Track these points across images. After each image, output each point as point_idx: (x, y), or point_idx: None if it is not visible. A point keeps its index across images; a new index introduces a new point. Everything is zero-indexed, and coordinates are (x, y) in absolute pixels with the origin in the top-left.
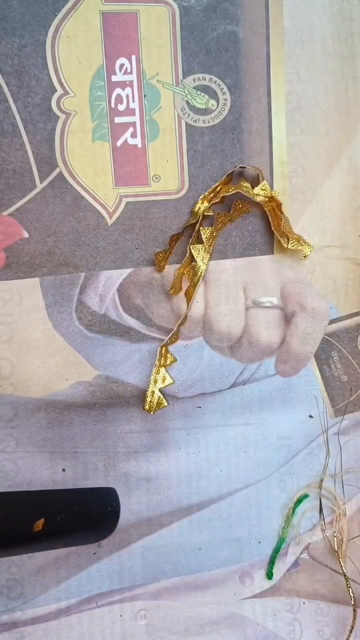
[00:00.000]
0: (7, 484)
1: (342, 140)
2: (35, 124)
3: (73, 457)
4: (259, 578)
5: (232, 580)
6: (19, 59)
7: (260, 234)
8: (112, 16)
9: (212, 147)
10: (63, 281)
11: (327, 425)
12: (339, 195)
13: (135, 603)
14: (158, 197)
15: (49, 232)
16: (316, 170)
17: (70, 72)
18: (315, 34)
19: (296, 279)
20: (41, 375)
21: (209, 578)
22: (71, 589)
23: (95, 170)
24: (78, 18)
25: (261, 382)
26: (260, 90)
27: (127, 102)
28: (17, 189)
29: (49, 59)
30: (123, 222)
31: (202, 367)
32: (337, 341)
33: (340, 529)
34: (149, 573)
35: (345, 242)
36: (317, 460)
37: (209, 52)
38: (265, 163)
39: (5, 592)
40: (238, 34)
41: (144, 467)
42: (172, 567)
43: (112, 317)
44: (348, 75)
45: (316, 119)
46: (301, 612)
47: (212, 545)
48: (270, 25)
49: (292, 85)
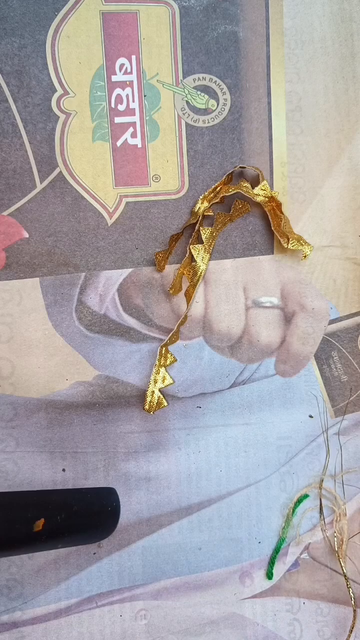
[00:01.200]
0: (7, 484)
1: (342, 140)
2: (35, 124)
3: (73, 457)
4: (259, 578)
5: (232, 580)
6: (19, 59)
7: (260, 234)
8: (112, 16)
9: (212, 147)
10: (63, 281)
11: (327, 425)
12: (339, 195)
13: (135, 603)
14: (158, 197)
15: (49, 232)
16: (316, 170)
17: (70, 72)
18: (315, 34)
19: (296, 279)
20: (41, 375)
21: (209, 578)
22: (71, 589)
23: (95, 171)
24: (78, 18)
25: (261, 382)
26: (260, 90)
27: (127, 102)
28: (17, 189)
29: (49, 59)
30: (123, 222)
31: (202, 367)
32: (337, 341)
33: (340, 529)
34: (149, 573)
35: (345, 242)
36: (317, 460)
37: (209, 52)
38: (265, 163)
39: (5, 592)
40: (238, 34)
41: (144, 467)
42: (172, 567)
43: (112, 317)
44: (348, 75)
45: (316, 119)
46: (301, 612)
47: (212, 545)
48: (270, 25)
49: (292, 85)
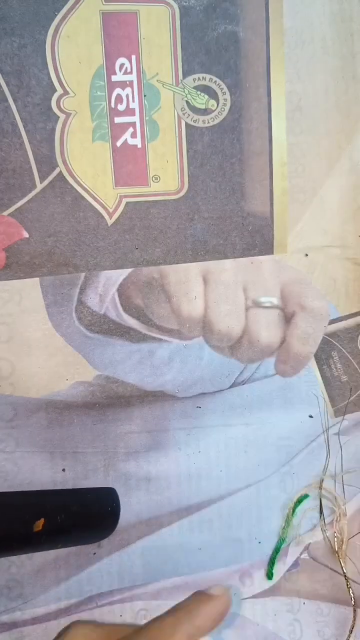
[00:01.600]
0: (7, 484)
1: (342, 140)
2: (35, 124)
3: (73, 457)
4: (259, 578)
5: (232, 580)
6: (18, 58)
7: (260, 234)
8: (112, 16)
9: (212, 147)
10: (63, 281)
11: (327, 425)
12: (339, 195)
13: (135, 603)
14: (158, 198)
15: (49, 232)
16: (316, 170)
17: (70, 72)
18: (315, 34)
19: (296, 278)
20: (41, 375)
21: (209, 578)
22: (71, 589)
23: (95, 171)
24: (78, 18)
25: (261, 382)
26: (260, 90)
27: (127, 102)
28: (17, 189)
29: (48, 58)
30: (123, 222)
31: (202, 367)
32: (337, 341)
33: (340, 529)
34: (149, 573)
35: (345, 242)
36: (317, 461)
37: (209, 52)
38: (265, 163)
39: (5, 592)
40: (238, 34)
41: (144, 468)
42: (172, 567)
43: (112, 317)
44: (348, 75)
45: (316, 118)
46: (301, 613)
47: (212, 546)
48: (270, 25)
49: (292, 85)
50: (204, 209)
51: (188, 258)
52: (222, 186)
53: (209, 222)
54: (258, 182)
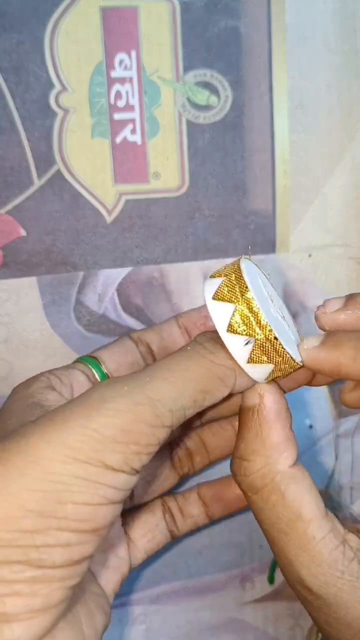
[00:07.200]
0: None
1: (345, 138)
2: (33, 121)
3: None
4: (260, 582)
5: (233, 584)
6: (17, 55)
7: (262, 233)
8: (112, 12)
9: (213, 144)
10: (61, 280)
11: (330, 428)
12: (342, 194)
13: (134, 607)
14: (158, 195)
15: (47, 230)
16: (319, 169)
17: (69, 68)
18: (317, 31)
19: (298, 278)
20: None
21: (209, 582)
22: None
23: (94, 168)
24: (77, 14)
25: None
26: (262, 87)
27: (126, 98)
28: (15, 187)
29: (47, 55)
30: (122, 220)
31: None
32: None
33: None
34: (148, 577)
35: (348, 241)
36: (320, 464)
37: (210, 48)
38: (267, 161)
39: None
40: (239, 30)
41: None
42: (172, 571)
43: (111, 317)
44: (351, 72)
45: (319, 116)
46: (303, 617)
47: (213, 550)
48: (272, 21)
49: (294, 82)
50: (205, 206)
51: (189, 257)
52: (224, 184)
53: (210, 220)
54: (260, 180)
